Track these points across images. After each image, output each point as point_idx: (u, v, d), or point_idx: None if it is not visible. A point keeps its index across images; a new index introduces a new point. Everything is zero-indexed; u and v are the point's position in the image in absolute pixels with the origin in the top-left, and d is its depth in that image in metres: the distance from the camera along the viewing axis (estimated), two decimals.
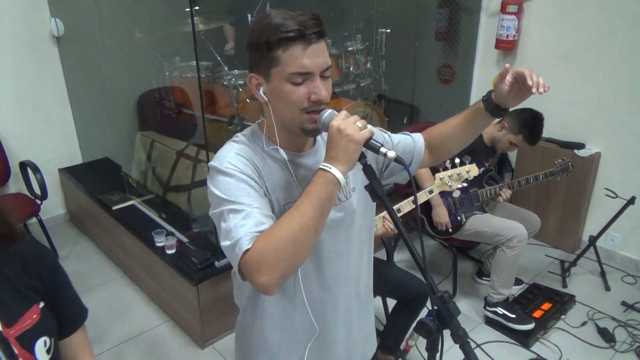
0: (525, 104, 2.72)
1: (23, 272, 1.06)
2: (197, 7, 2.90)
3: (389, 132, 1.31)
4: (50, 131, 3.62)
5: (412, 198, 2.20)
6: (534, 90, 1.09)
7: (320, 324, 1.20)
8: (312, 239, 0.98)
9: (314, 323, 1.18)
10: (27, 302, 1.05)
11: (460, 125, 1.25)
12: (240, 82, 3.02)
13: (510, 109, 1.20)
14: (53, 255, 1.13)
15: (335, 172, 0.98)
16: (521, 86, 1.12)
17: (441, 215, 2.71)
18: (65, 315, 1.14)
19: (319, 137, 1.18)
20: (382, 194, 1.02)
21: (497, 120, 2.70)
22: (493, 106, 1.18)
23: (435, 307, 1.01)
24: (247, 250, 0.95)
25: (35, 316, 1.04)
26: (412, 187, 1.02)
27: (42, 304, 1.07)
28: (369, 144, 1.00)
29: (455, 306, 1.00)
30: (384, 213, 2.09)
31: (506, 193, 2.75)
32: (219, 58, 3.08)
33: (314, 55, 1.00)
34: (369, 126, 1.05)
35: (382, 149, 0.99)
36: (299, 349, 1.24)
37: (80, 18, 3.34)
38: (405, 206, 2.17)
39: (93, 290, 3.04)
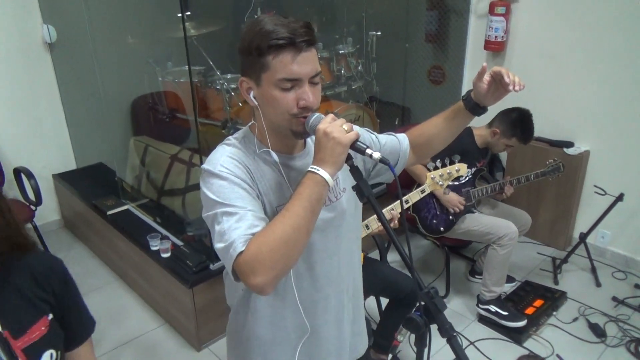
0: (515, 104, 2.77)
1: (34, 282, 1.04)
2: (188, 13, 2.93)
3: (376, 133, 1.34)
4: (44, 137, 3.63)
5: (406, 196, 2.23)
6: (510, 87, 1.14)
7: (312, 322, 1.23)
8: (303, 239, 1.01)
9: (305, 321, 1.21)
10: (37, 313, 1.04)
11: (442, 124, 1.30)
12: (232, 86, 3.04)
13: (489, 107, 1.25)
14: (63, 265, 1.11)
15: (324, 173, 1.01)
16: (498, 85, 1.17)
17: (450, 200, 2.69)
18: (73, 327, 1.12)
19: (309, 140, 1.20)
20: (369, 194, 1.05)
21: (487, 125, 2.76)
22: (472, 104, 1.23)
23: (423, 303, 1.04)
24: (241, 252, 0.97)
25: (43, 328, 1.04)
26: (404, 188, 1.05)
27: (51, 316, 1.06)
28: (355, 146, 1.03)
29: (441, 301, 1.03)
30: (384, 211, 2.12)
31: (509, 190, 2.80)
32: (211, 62, 3.11)
33: (303, 63, 1.03)
34: (356, 127, 1.08)
35: (368, 151, 1.02)
36: (291, 347, 1.26)
37: (72, 24, 3.35)
38: (397, 207, 2.19)
39: (88, 295, 3.05)
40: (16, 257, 1.04)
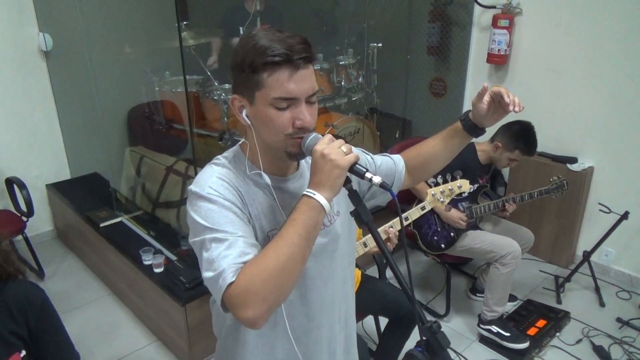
0: (518, 119, 2.71)
1: (8, 315, 0.98)
2: (185, 22, 2.89)
3: (371, 154, 1.29)
4: (38, 146, 3.57)
5: (406, 213, 2.18)
6: (510, 108, 1.11)
7: (303, 352, 1.16)
8: (298, 268, 0.94)
9: (297, 353, 1.14)
10: (8, 349, 0.98)
11: (439, 145, 1.25)
12: (230, 96, 2.99)
13: (487, 128, 1.21)
14: (44, 297, 1.05)
15: (320, 198, 0.95)
16: (497, 106, 1.14)
17: (453, 216, 2.63)
18: None
19: (302, 161, 1.14)
20: (368, 220, 0.99)
21: (489, 140, 2.70)
22: (470, 125, 1.19)
23: (424, 338, 0.97)
24: (232, 283, 0.91)
25: None
26: (405, 203, 0.99)
27: (23, 353, 1.00)
28: (353, 169, 0.96)
29: (444, 337, 0.96)
30: (381, 229, 2.06)
31: (511, 207, 2.73)
32: (208, 73, 3.06)
33: (301, 81, 0.96)
34: (354, 150, 1.02)
35: (368, 174, 0.96)
36: None
37: (69, 33, 3.31)
38: (396, 224, 2.13)
39: (80, 309, 2.97)
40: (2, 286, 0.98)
